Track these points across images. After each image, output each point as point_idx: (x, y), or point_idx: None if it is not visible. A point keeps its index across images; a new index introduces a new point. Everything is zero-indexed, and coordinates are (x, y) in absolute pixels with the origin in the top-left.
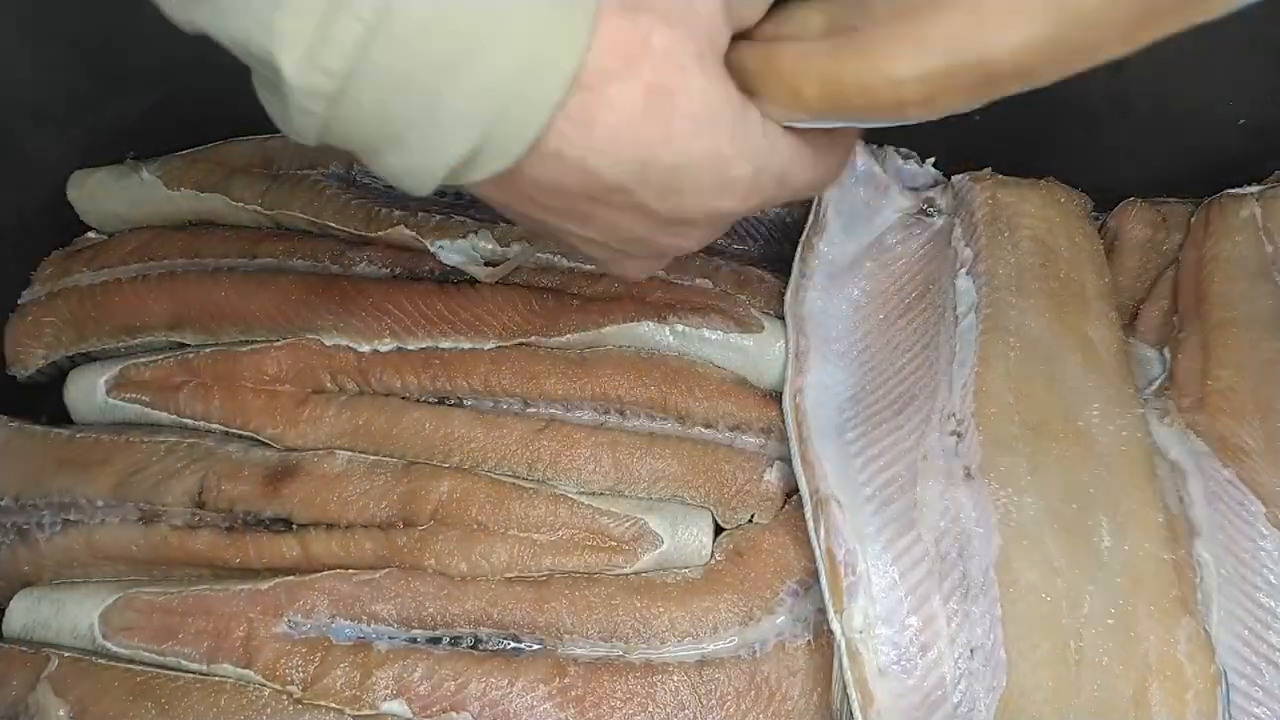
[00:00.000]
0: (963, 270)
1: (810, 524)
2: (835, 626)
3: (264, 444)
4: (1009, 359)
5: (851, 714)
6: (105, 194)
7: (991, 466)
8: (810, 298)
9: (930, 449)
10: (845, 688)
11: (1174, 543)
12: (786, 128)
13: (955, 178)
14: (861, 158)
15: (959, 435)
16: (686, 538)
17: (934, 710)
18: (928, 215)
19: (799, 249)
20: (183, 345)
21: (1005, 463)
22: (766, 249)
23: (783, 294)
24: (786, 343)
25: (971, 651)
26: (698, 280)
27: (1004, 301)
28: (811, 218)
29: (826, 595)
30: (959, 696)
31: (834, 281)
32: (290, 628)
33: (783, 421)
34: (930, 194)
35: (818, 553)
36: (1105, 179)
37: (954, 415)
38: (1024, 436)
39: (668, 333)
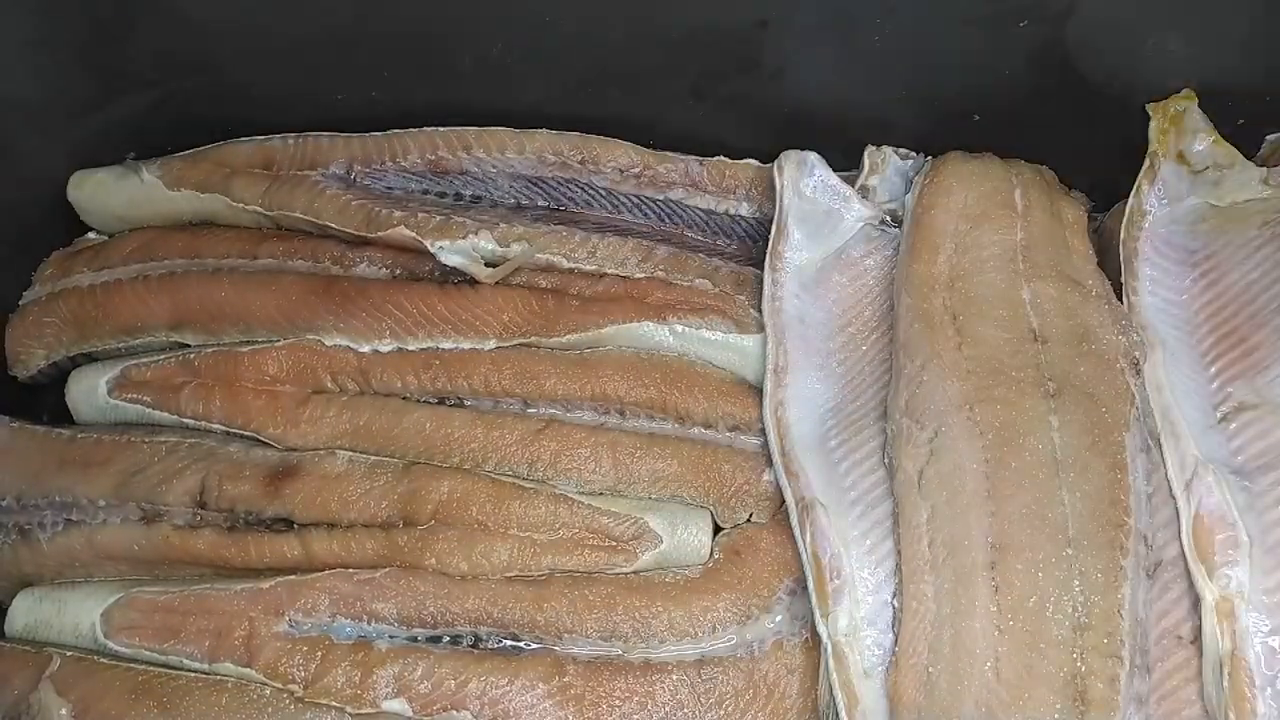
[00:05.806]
0: None
1: (796, 529)
2: (821, 629)
3: (265, 444)
4: None
5: (837, 714)
6: (106, 194)
7: None
8: (787, 307)
9: None
10: (831, 688)
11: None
12: None
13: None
14: (819, 168)
15: None
16: (686, 537)
17: None
18: (890, 226)
19: (767, 259)
20: (184, 345)
21: None
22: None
23: None
24: (765, 355)
25: None
26: (697, 280)
27: None
28: (775, 229)
29: (813, 599)
30: None
31: (806, 291)
32: (291, 627)
33: None
34: (891, 205)
35: (804, 557)
36: (1105, 179)
37: None
38: None
39: (668, 333)
